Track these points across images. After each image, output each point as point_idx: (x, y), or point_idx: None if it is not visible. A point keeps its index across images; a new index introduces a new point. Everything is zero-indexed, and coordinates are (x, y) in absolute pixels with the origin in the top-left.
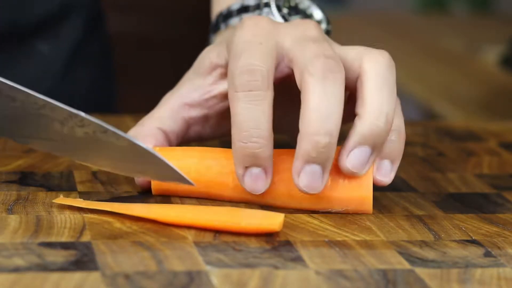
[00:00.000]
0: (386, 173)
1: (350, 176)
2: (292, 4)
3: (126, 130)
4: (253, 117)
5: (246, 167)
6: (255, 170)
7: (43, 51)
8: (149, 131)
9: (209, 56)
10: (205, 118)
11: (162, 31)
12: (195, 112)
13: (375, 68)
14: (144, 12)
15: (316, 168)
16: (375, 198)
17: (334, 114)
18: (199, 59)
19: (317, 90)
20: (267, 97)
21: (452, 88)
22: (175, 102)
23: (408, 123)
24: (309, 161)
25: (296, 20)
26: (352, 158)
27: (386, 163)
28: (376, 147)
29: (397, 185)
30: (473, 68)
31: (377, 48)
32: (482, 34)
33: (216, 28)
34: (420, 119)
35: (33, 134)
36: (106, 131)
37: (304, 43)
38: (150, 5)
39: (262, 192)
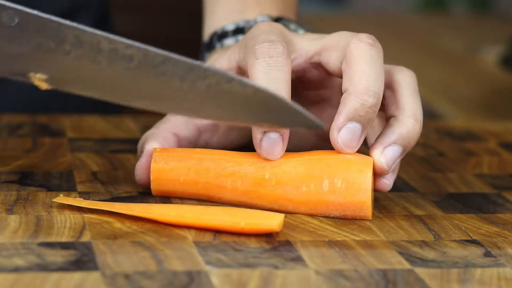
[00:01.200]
0: (391, 178)
1: (348, 180)
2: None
3: (126, 130)
4: (273, 82)
5: (265, 132)
6: (273, 135)
7: None
8: (164, 134)
9: (219, 62)
10: (215, 127)
11: (162, 31)
12: (207, 120)
13: (409, 79)
14: (143, 12)
15: (357, 126)
16: (375, 198)
17: (380, 77)
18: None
19: (363, 55)
20: (287, 64)
21: (452, 88)
22: None
23: None
24: (354, 118)
25: None
26: (388, 155)
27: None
28: (406, 150)
29: (397, 185)
30: (473, 68)
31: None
32: (482, 34)
33: (210, 47)
34: None
35: (146, 98)
36: (231, 80)
37: (324, 35)
38: (150, 5)
39: (277, 158)
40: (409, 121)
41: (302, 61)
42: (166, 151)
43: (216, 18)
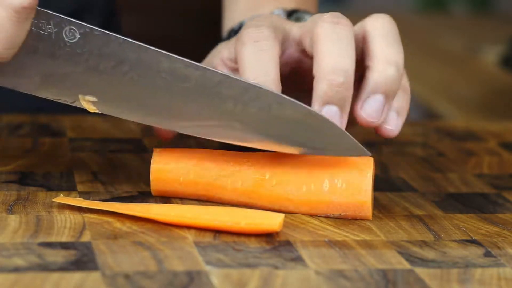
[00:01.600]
0: (393, 123)
1: (349, 180)
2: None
3: (126, 130)
4: (260, 65)
5: None
6: None
7: None
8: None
9: (220, 51)
10: None
11: (164, 30)
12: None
13: (378, 25)
14: (144, 12)
15: (333, 108)
16: (375, 198)
17: (347, 54)
18: (209, 58)
19: (328, 34)
20: (274, 46)
21: (452, 88)
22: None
23: (408, 123)
24: (327, 101)
25: None
26: (366, 108)
27: (392, 114)
28: (389, 96)
29: (397, 185)
30: (473, 68)
31: None
32: (482, 34)
33: None
34: (420, 119)
35: (197, 123)
36: (282, 102)
37: (322, 14)
38: (152, 5)
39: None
40: (381, 66)
41: (293, 50)
42: (166, 151)
43: (234, 14)
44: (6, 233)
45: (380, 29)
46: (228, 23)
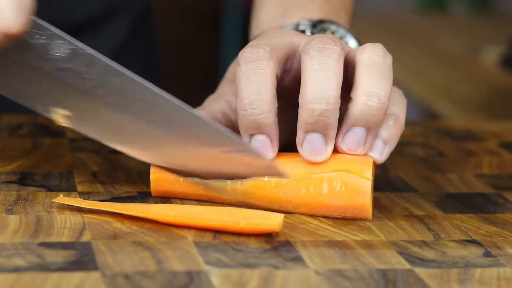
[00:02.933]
0: (378, 151)
1: (348, 184)
2: (328, 32)
3: None
4: (253, 85)
5: (251, 135)
6: (260, 138)
7: None
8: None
9: (228, 71)
10: None
11: (164, 31)
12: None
13: (366, 56)
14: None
15: (316, 136)
16: (375, 198)
17: (329, 82)
18: (231, 67)
19: (312, 63)
20: (268, 66)
21: (452, 88)
22: (216, 105)
23: (408, 123)
24: (308, 129)
25: None
26: (346, 140)
27: (379, 142)
28: (371, 127)
29: (397, 185)
30: (473, 68)
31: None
32: (482, 34)
33: None
34: (420, 119)
35: (164, 151)
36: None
37: (313, 39)
38: (154, 5)
39: (271, 158)
40: (362, 98)
41: (296, 62)
42: None
43: (260, 23)
44: (6, 233)
45: (366, 61)
46: (254, 32)
